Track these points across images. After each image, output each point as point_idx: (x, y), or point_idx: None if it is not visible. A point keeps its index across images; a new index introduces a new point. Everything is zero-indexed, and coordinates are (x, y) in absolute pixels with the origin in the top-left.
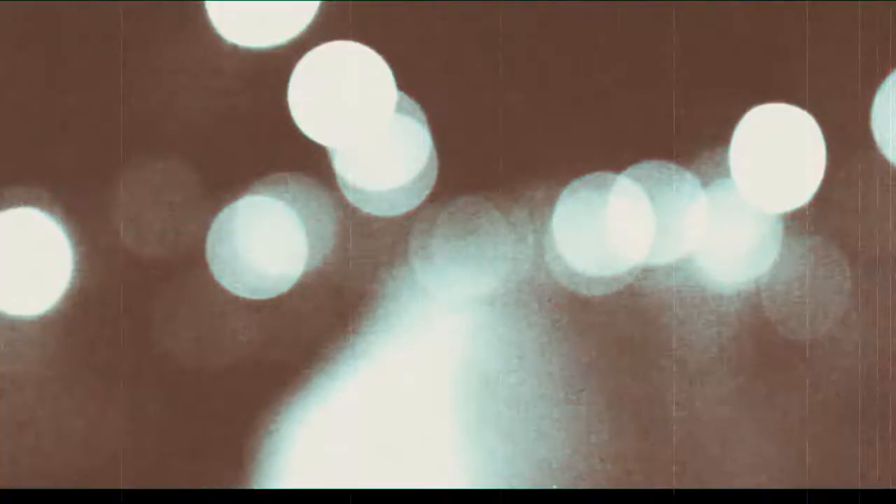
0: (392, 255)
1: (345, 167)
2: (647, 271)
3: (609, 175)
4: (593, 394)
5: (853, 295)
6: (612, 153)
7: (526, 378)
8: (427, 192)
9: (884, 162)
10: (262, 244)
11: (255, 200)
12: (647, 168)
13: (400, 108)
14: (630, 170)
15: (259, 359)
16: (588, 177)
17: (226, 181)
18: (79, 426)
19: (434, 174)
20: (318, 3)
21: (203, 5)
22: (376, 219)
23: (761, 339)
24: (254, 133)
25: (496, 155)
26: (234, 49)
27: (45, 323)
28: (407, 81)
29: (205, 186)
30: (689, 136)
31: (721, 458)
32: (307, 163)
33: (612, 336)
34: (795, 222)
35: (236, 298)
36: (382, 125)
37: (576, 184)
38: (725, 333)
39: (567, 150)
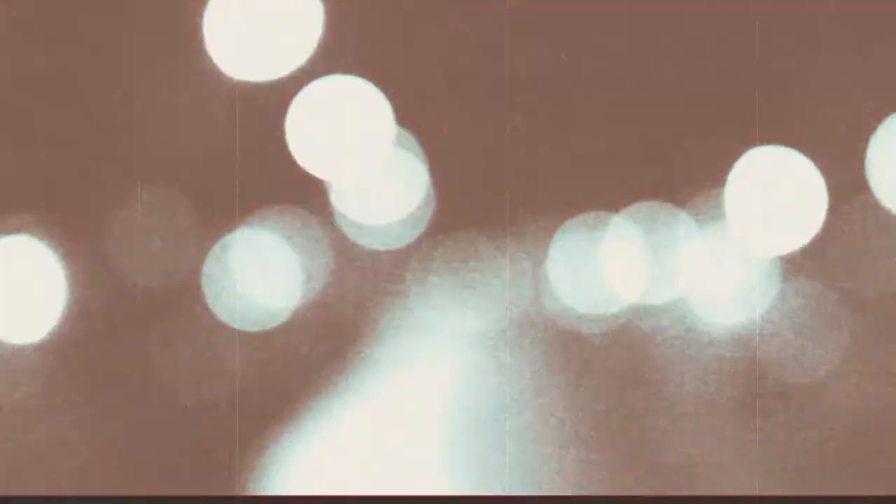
0: (388, 288)
1: (342, 201)
2: (641, 310)
3: (605, 214)
4: (587, 431)
5: (848, 341)
6: (610, 193)
7: (519, 413)
8: (424, 226)
9: (880, 207)
10: (258, 276)
11: (252, 232)
12: (643, 208)
13: (398, 143)
14: (626, 209)
15: (251, 390)
16: (585, 215)
17: (222, 212)
18: (69, 451)
19: (431, 209)
20: (317, 36)
21: (202, 38)
22: (373, 252)
23: (753, 381)
24: (251, 166)
25: (494, 191)
26: (233, 82)
27: (40, 350)
28: (406, 117)
29: (201, 217)
30: (685, 178)
31: (709, 497)
32: (304, 196)
33: (606, 374)
34: (791, 266)
35: (231, 329)
36: (380, 159)
37: (573, 221)
38: (717, 374)
39: (565, 189)
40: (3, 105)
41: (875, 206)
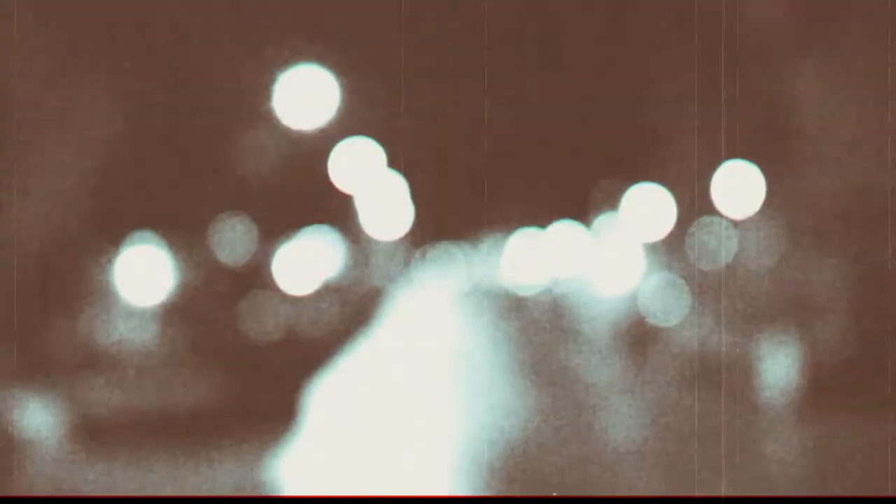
0: (392, 276)
1: (362, 219)
2: (559, 283)
3: (536, 229)
4: (519, 361)
5: (693, 301)
6: (539, 214)
7: (478, 350)
8: (415, 237)
9: (718, 218)
10: (308, 262)
11: (301, 234)
12: (562, 225)
13: (389, 180)
14: (550, 225)
15: (296, 336)
16: (521, 230)
17: (282, 222)
18: (174, 390)
19: (413, 220)
20: (336, 105)
21: (271, 107)
22: (379, 243)
23: (634, 324)
24: (298, 191)
25: (462, 214)
26: (289, 130)
27: (157, 312)
28: (395, 162)
29: (268, 225)
30: (591, 204)
31: (599, 408)
32: (336, 212)
33: (537, 323)
34: (655, 253)
35: (284, 294)
36: (379, 189)
37: (514, 234)
38: (611, 320)
39: (508, 213)
40: (128, 158)
41: (714, 216)
